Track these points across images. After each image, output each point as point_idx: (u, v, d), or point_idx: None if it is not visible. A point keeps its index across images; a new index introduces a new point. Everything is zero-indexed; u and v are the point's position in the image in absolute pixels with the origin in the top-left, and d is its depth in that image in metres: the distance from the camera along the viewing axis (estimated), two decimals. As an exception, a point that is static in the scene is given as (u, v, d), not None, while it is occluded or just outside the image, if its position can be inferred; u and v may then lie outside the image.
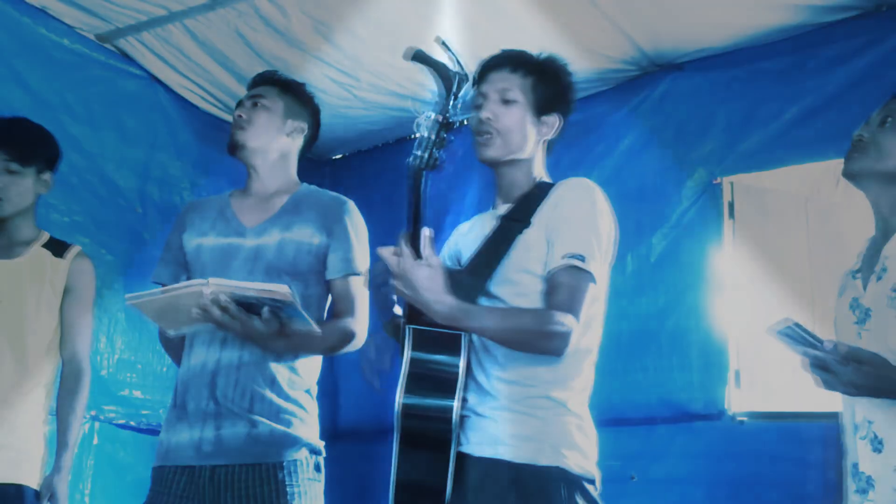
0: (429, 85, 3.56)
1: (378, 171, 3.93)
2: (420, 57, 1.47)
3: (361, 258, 2.18)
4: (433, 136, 1.47)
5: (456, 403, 1.66)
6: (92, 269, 2.52)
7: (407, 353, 1.67)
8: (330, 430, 3.81)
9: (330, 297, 2.19)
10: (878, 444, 1.70)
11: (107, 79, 3.26)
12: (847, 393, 1.61)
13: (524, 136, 1.86)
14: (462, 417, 1.70)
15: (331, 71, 3.33)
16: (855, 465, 1.76)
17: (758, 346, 2.93)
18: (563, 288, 1.68)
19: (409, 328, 1.69)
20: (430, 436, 1.66)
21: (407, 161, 1.50)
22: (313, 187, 2.28)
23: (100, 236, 3.13)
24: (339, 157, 4.19)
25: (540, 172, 1.91)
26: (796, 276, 3.19)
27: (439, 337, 1.68)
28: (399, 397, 1.65)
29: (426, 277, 1.58)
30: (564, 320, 1.65)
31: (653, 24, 2.98)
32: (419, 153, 1.48)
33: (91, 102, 3.19)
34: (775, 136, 2.93)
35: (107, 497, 3.07)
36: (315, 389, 2.18)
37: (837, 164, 2.02)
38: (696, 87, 3.13)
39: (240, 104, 2.28)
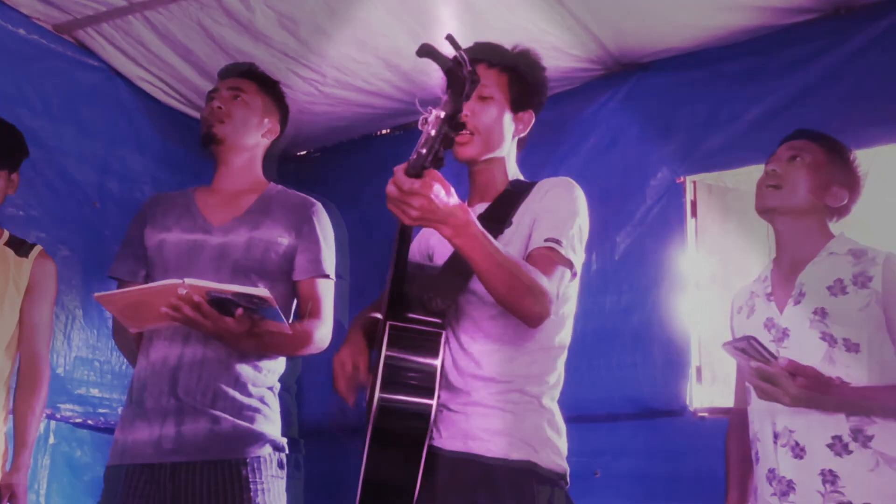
0: (396, 82, 3.58)
1: (343, 168, 3.91)
2: (430, 53, 1.44)
3: (329, 260, 2.16)
4: (440, 134, 1.41)
5: (434, 402, 1.64)
6: (54, 270, 2.50)
7: (383, 351, 1.65)
8: (293, 429, 3.81)
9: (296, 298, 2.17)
10: (799, 451, 1.86)
11: (65, 71, 3.19)
12: (787, 404, 1.77)
13: (501, 135, 1.85)
14: (435, 413, 1.68)
15: (296, 66, 3.30)
16: (772, 471, 1.91)
17: (719, 344, 2.95)
18: (542, 261, 1.67)
19: (388, 324, 1.67)
20: (405, 434, 1.64)
21: (409, 159, 1.43)
22: (281, 187, 2.26)
23: (57, 231, 3.06)
24: (303, 153, 4.15)
25: (514, 170, 1.91)
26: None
27: (417, 335, 1.66)
28: (375, 394, 1.63)
29: (437, 184, 1.44)
30: (548, 287, 1.62)
31: (618, 24, 3.01)
32: (423, 151, 1.39)
33: (48, 95, 3.12)
34: (737, 136, 2.98)
35: (63, 497, 3.01)
36: (278, 387, 2.16)
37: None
38: (660, 88, 3.16)
39: (216, 93, 2.22)
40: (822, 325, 1.89)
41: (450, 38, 1.42)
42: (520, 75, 1.85)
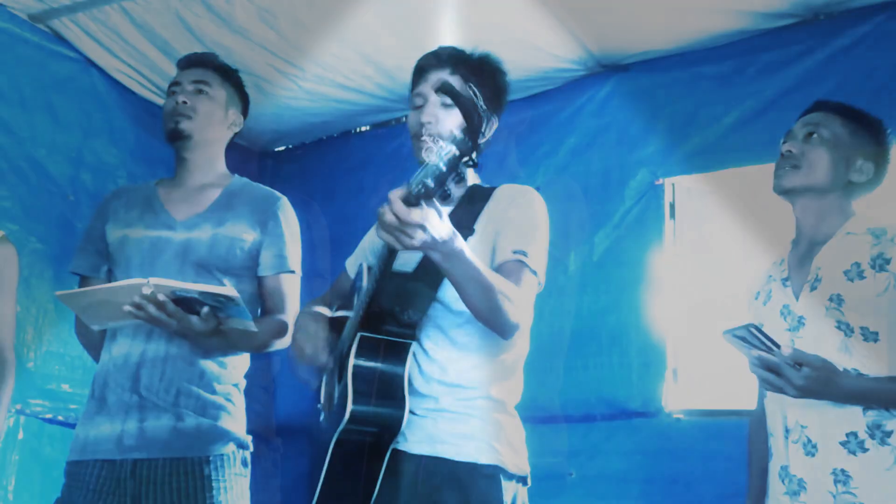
0: (376, 78, 3.55)
1: (321, 165, 3.89)
2: (449, 90, 1.40)
3: (294, 255, 2.14)
4: (449, 171, 1.33)
5: (406, 413, 1.64)
6: (15, 256, 2.39)
7: (350, 360, 1.64)
8: (265, 427, 3.79)
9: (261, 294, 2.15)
10: (811, 448, 1.75)
11: (39, 60, 3.14)
12: (793, 395, 1.66)
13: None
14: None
15: (275, 60, 3.27)
16: (784, 468, 1.80)
17: (695, 345, 2.98)
18: (515, 273, 1.68)
19: (359, 335, 1.66)
20: (370, 442, 1.64)
21: (410, 187, 1.39)
22: (245, 180, 2.22)
23: (29, 223, 3.01)
24: (281, 149, 4.12)
25: (473, 175, 1.89)
26: (734, 276, 3.26)
27: (386, 345, 1.66)
28: (347, 404, 1.62)
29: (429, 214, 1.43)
30: (521, 298, 1.65)
31: (600, 25, 3.01)
32: (428, 181, 1.34)
33: (22, 84, 3.07)
34: (716, 139, 2.99)
35: (32, 493, 2.96)
36: (243, 384, 2.14)
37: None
38: (641, 89, 3.17)
39: (178, 86, 2.18)
40: (838, 313, 1.74)
41: (459, 73, 1.31)
42: (482, 81, 1.83)
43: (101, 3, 3.03)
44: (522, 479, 1.74)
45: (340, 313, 1.83)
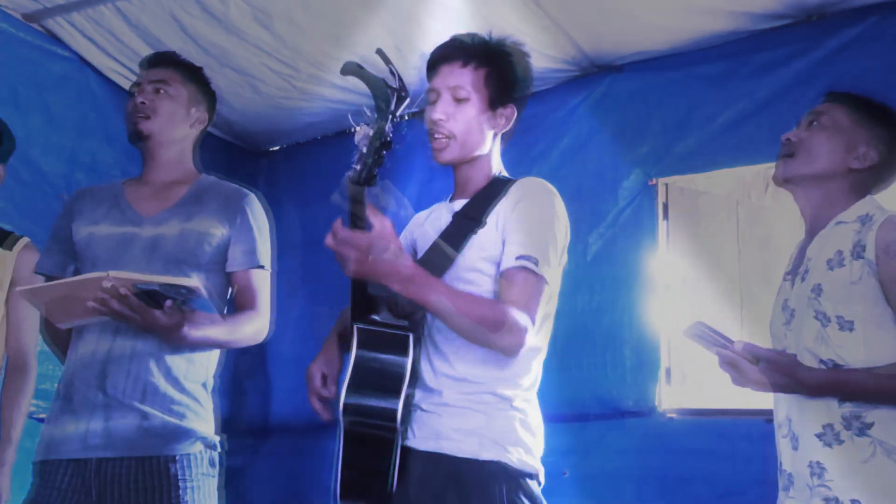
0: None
1: (317, 164, 3.88)
2: (355, 71, 1.42)
3: (264, 251, 2.14)
4: (370, 154, 1.43)
5: (400, 405, 1.64)
6: None
7: (353, 352, 1.64)
8: (262, 425, 3.79)
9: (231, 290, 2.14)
10: (795, 442, 1.73)
11: (33, 60, 3.14)
12: (759, 390, 1.66)
13: (481, 136, 1.80)
14: (407, 413, 1.68)
15: (270, 60, 3.27)
16: (780, 464, 1.79)
17: (688, 345, 2.97)
18: (517, 287, 1.67)
19: (355, 327, 1.66)
20: (373, 434, 1.64)
21: (346, 175, 1.46)
22: (213, 178, 2.21)
23: (24, 224, 2.99)
24: (276, 148, 4.12)
25: (497, 166, 1.87)
26: (726, 276, 3.27)
27: (386, 336, 1.66)
28: (342, 396, 1.63)
29: (383, 238, 1.51)
30: (520, 318, 1.63)
31: (594, 26, 3.02)
32: (358, 168, 1.45)
33: (16, 84, 3.06)
34: (709, 139, 3.00)
35: (25, 492, 2.95)
36: (212, 382, 2.12)
37: (767, 167, 2.08)
38: (634, 90, 3.18)
39: (139, 87, 2.17)
40: (816, 303, 1.71)
41: (380, 53, 1.41)
42: (497, 70, 1.78)
43: (95, 3, 3.03)
44: (531, 476, 1.71)
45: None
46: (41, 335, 2.17)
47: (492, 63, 1.79)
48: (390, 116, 1.40)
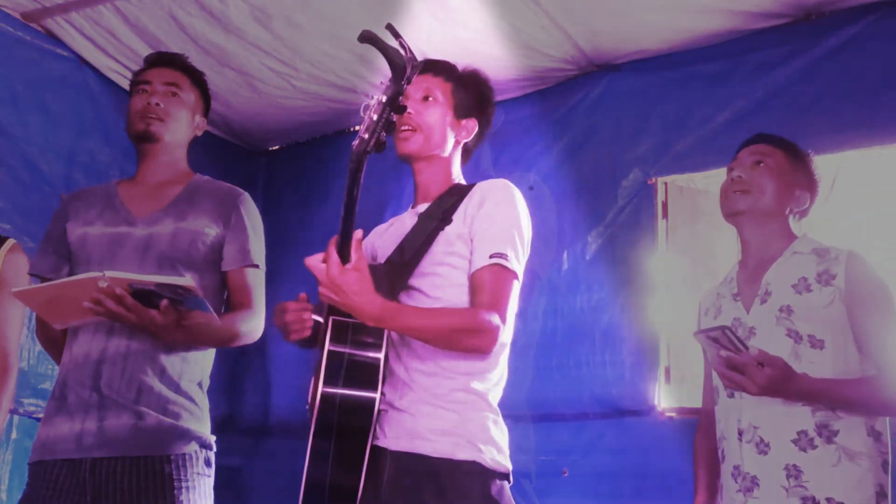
0: (370, 78, 3.56)
1: (316, 164, 3.89)
2: (371, 39, 1.47)
3: (258, 250, 2.14)
4: (381, 119, 1.48)
5: (378, 395, 1.65)
6: (27, 264, 2.40)
7: (326, 346, 1.65)
8: (261, 425, 3.79)
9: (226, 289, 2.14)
10: (763, 447, 1.91)
11: (32, 60, 3.14)
12: (754, 393, 1.81)
13: (444, 135, 1.90)
14: (379, 411, 1.69)
15: (269, 60, 3.27)
16: (737, 468, 1.95)
17: (687, 344, 2.99)
18: (488, 286, 1.71)
19: (331, 319, 1.67)
20: (347, 429, 1.64)
21: (352, 144, 1.50)
22: (207, 178, 2.21)
23: (22, 223, 3.01)
24: (275, 148, 4.12)
25: (457, 174, 1.95)
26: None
27: (360, 329, 1.67)
28: (318, 388, 1.63)
29: (355, 281, 1.57)
30: (491, 318, 1.68)
31: (593, 25, 3.02)
32: (366, 136, 1.51)
33: (15, 84, 3.07)
34: (707, 138, 3.00)
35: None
36: (207, 382, 2.11)
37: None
38: (633, 89, 3.18)
39: (150, 86, 2.15)
40: (788, 322, 1.94)
41: (390, 27, 1.48)
42: (463, 86, 1.92)
43: (94, 3, 3.03)
44: (503, 476, 1.73)
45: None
46: (35, 337, 2.17)
47: (459, 80, 1.94)
48: (404, 84, 1.46)
